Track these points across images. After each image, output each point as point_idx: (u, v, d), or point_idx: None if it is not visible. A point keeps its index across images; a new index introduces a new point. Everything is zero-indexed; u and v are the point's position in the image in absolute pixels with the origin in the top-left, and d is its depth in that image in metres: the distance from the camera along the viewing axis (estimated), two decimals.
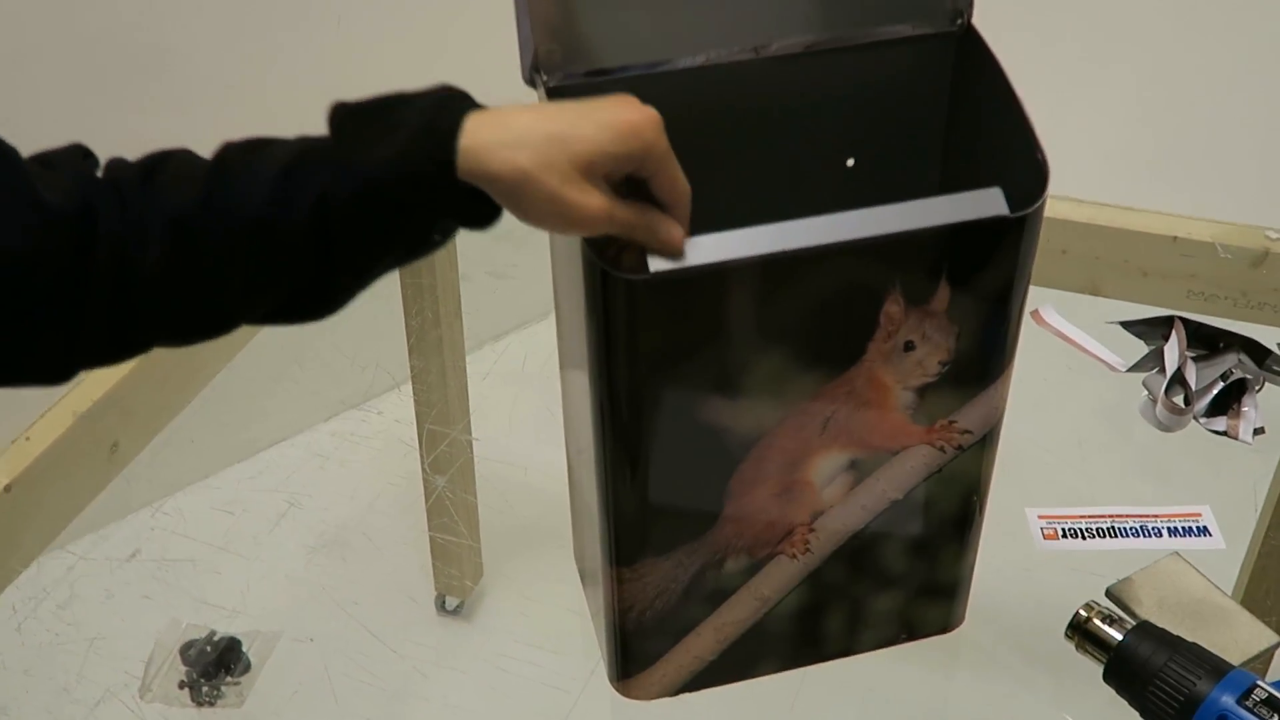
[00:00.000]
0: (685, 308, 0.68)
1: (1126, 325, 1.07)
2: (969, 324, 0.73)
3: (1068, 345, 1.13)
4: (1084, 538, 0.97)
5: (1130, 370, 1.08)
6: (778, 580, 0.81)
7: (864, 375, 0.73)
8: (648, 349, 0.69)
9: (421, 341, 1.16)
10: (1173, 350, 1.05)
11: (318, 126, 0.62)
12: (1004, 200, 0.70)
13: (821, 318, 0.70)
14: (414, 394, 1.11)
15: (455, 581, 1.21)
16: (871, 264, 0.69)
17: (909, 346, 0.73)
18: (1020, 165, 0.72)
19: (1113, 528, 0.97)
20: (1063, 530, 0.97)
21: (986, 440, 0.79)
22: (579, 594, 0.85)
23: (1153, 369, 1.07)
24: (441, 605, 1.12)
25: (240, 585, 0.91)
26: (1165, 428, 1.04)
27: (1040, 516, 0.98)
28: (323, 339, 1.18)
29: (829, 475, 0.77)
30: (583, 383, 0.74)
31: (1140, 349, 1.08)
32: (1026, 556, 0.95)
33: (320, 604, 0.93)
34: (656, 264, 0.66)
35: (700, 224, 0.67)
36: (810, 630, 0.85)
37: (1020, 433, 0.83)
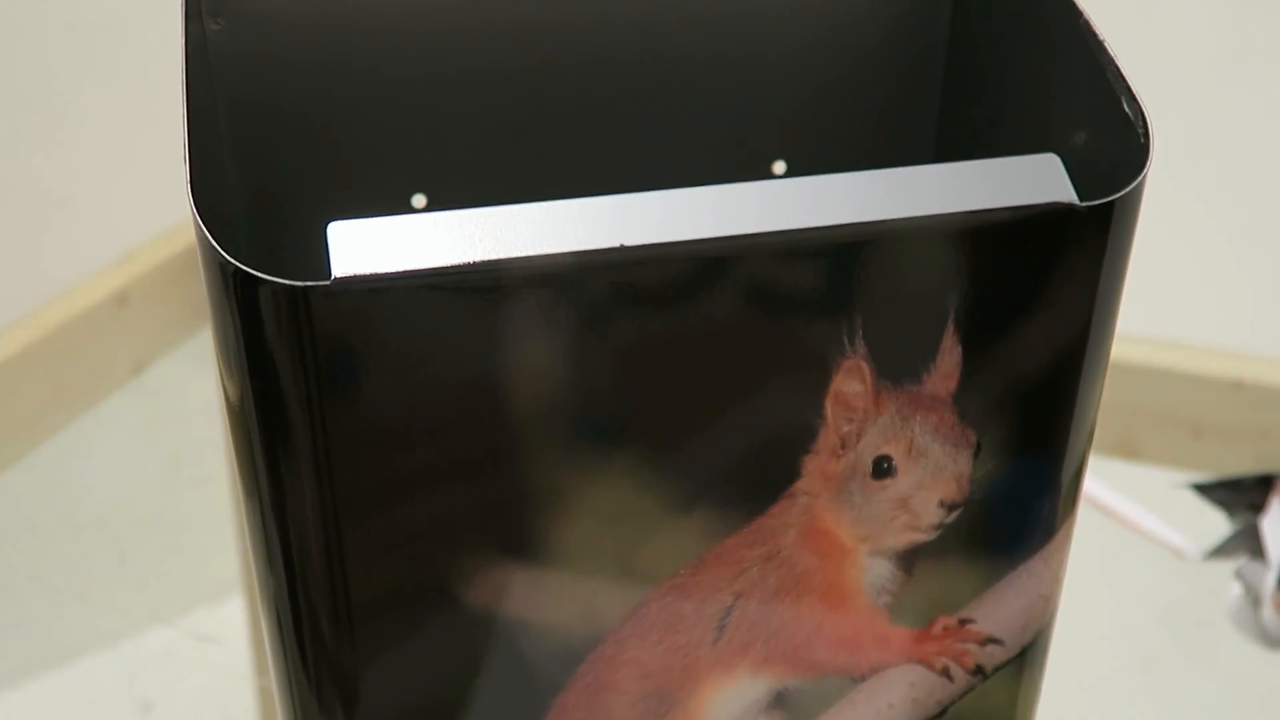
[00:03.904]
0: (417, 357, 0.33)
1: (1203, 490, 0.73)
2: (1000, 428, 0.38)
3: (1110, 521, 0.78)
4: None
5: (1210, 557, 0.73)
6: None
7: (797, 524, 0.38)
8: (341, 438, 0.33)
9: None
10: (1276, 525, 0.70)
11: None
12: (1065, 175, 0.36)
13: (709, 400, 0.35)
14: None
15: None
16: (807, 291, 0.35)
17: (883, 468, 0.38)
18: (1090, 122, 0.39)
19: None
20: None
21: (1026, 659, 0.43)
22: None
23: (1245, 554, 0.72)
24: None
25: None
26: (1276, 641, 0.68)
27: None
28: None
29: (735, 718, 0.41)
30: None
31: (1221, 525, 0.73)
32: None
33: None
34: (348, 260, 0.31)
35: None
36: None
37: (1053, 652, 0.47)
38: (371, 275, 0.31)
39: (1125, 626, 0.71)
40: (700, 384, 0.35)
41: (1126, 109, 0.37)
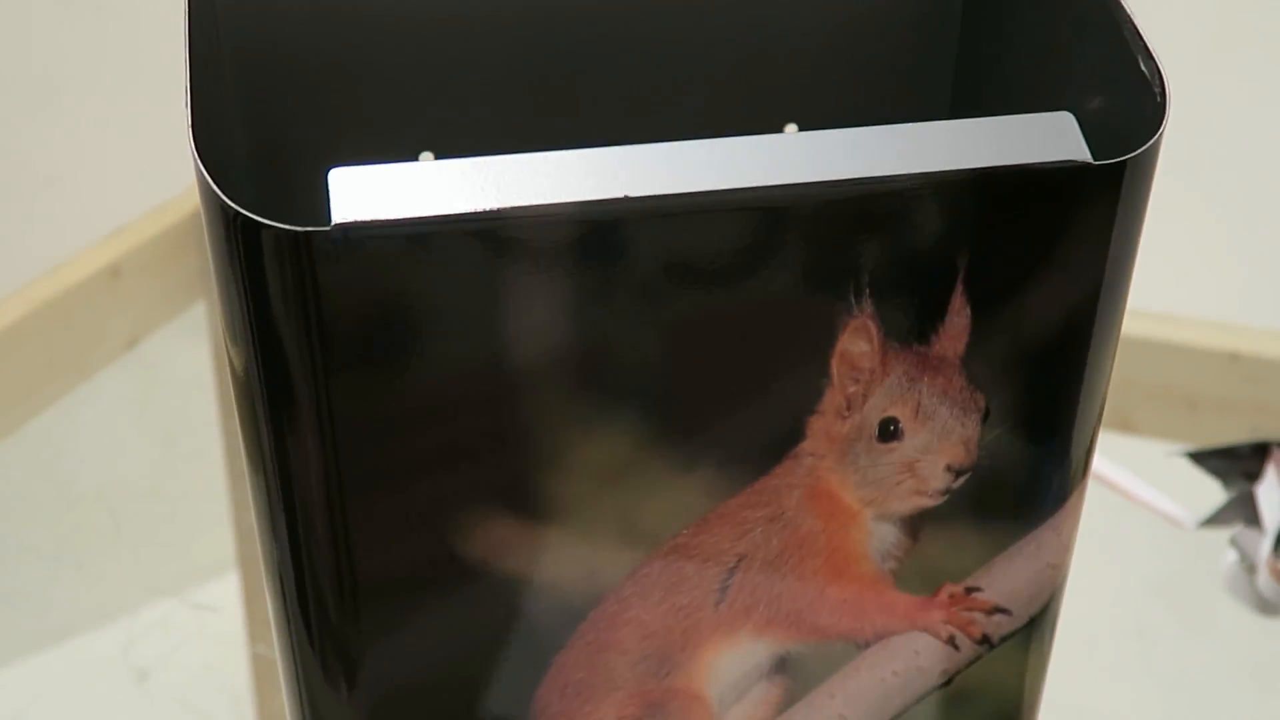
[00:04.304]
0: (420, 304, 0.32)
1: (1198, 459, 0.72)
2: (1009, 392, 0.38)
3: (1105, 490, 0.78)
4: None
5: (1205, 525, 0.73)
6: None
7: (801, 486, 0.37)
8: (346, 390, 0.33)
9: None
10: (1272, 492, 0.70)
11: None
12: (1079, 133, 0.35)
13: (711, 358, 0.35)
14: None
15: None
16: (815, 247, 0.34)
17: (889, 430, 0.37)
18: (1106, 81, 0.38)
19: None
20: None
21: (1034, 629, 0.43)
22: None
23: (1241, 522, 0.72)
24: None
25: None
26: (1272, 607, 0.68)
27: None
28: None
29: (736, 684, 0.41)
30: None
31: (1216, 494, 0.73)
32: None
33: None
34: (349, 206, 0.31)
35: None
36: None
37: None
38: (373, 222, 0.30)
39: (1121, 594, 0.71)
40: (705, 340, 0.34)
41: (1143, 68, 0.37)
